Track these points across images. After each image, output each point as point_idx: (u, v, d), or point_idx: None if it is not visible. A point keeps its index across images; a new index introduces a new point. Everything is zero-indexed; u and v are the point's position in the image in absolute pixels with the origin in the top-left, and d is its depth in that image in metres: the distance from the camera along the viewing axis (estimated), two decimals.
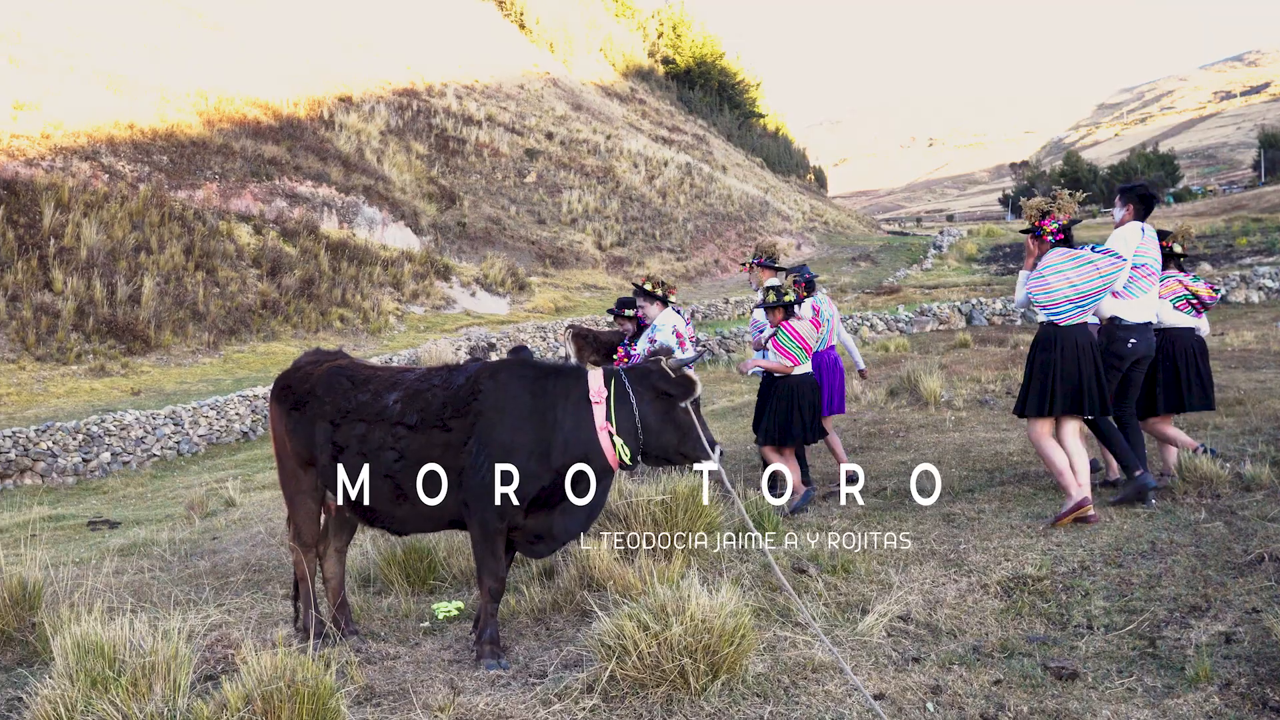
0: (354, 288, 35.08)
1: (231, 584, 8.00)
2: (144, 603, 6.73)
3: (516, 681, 5.10)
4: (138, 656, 4.59)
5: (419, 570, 7.16)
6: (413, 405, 5.61)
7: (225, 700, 4.30)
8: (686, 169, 64.35)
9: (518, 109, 65.15)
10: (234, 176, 39.36)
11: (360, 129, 50.36)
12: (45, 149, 34.83)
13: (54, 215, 30.46)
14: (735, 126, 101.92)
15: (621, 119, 76.77)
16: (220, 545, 9.81)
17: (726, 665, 4.74)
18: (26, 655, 6.14)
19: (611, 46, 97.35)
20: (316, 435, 5.85)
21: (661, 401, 5.49)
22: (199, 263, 32.19)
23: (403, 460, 5.56)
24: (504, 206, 51.25)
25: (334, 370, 6.01)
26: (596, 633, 4.89)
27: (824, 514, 8.19)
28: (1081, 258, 7.21)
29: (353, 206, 41.35)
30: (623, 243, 52.11)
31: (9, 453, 18.79)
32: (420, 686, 5.04)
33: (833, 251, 57.36)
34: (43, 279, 28.10)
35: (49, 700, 4.45)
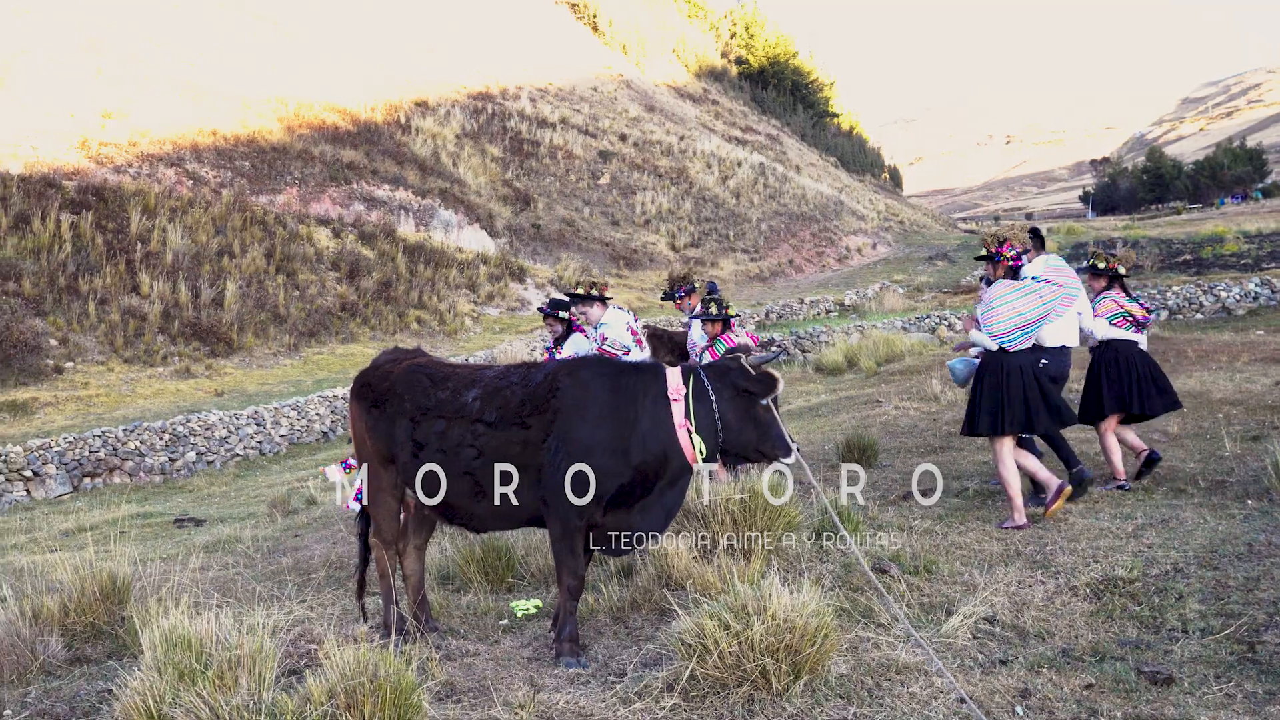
0: (430, 290, 35.44)
1: (313, 580, 8.09)
2: (229, 598, 6.82)
3: (596, 680, 5.08)
4: (224, 650, 4.65)
5: (497, 568, 7.17)
6: (491, 403, 5.61)
7: (309, 694, 4.33)
8: (760, 169, 64.05)
9: (591, 111, 65.35)
10: (313, 181, 40.00)
11: (436, 133, 50.88)
12: (132, 156, 35.69)
13: (141, 220, 31.20)
14: (809, 126, 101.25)
15: (695, 120, 76.67)
16: (302, 543, 9.94)
17: (809, 666, 4.68)
18: (116, 648, 6.25)
19: (684, 48, 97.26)
20: (396, 433, 5.85)
21: (741, 399, 5.44)
22: (280, 266, 32.75)
23: (481, 458, 5.55)
24: (578, 208, 51.43)
25: (413, 368, 6.01)
26: (677, 631, 4.85)
27: (905, 514, 8.06)
28: (1025, 287, 7.71)
29: (429, 209, 41.79)
30: (696, 244, 52.01)
31: (99, 452, 19.25)
32: (500, 683, 5.04)
33: (909, 251, 56.70)
34: (130, 283, 28.79)
35: (138, 692, 4.52)
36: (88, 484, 19.01)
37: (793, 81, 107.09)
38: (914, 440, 11.92)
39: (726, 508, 6.73)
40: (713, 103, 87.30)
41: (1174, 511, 7.46)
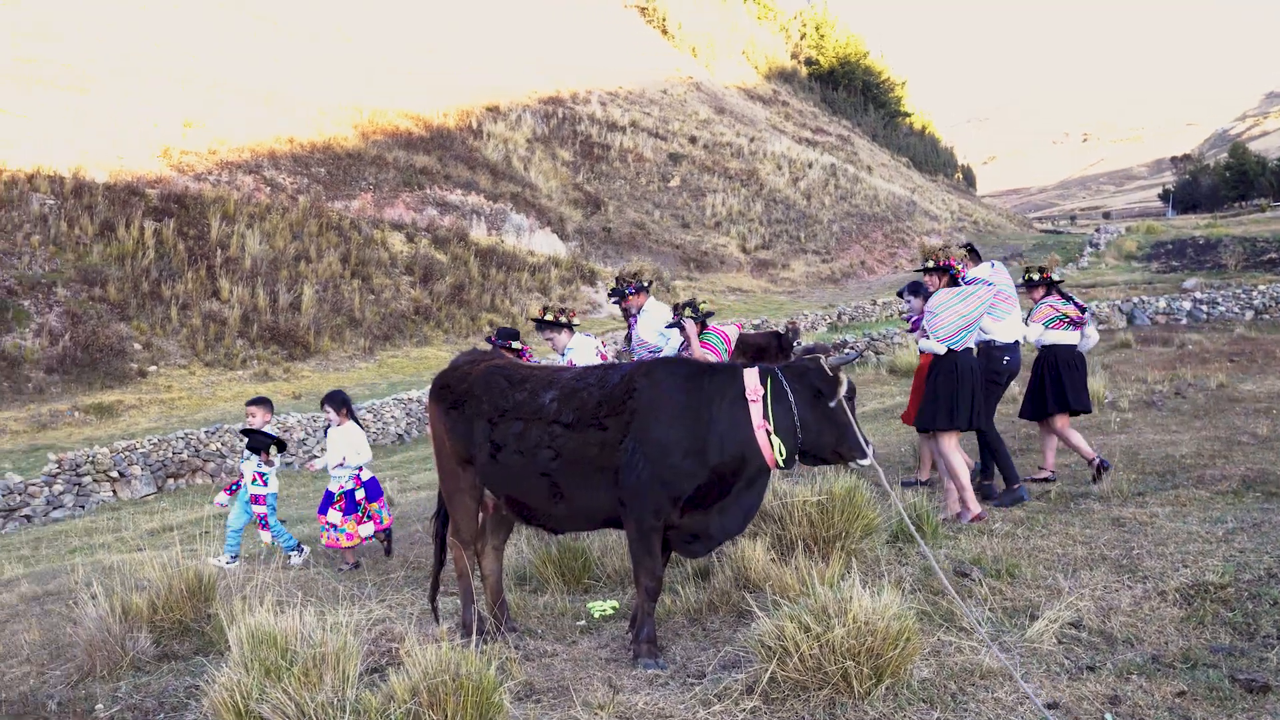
0: (502, 293, 35.72)
1: (392, 580, 8.17)
2: (310, 597, 6.90)
3: (675, 681, 5.06)
4: (308, 648, 4.70)
5: (574, 569, 7.18)
6: (569, 404, 5.60)
7: (392, 692, 4.37)
8: (831, 170, 63.64)
9: (661, 114, 65.41)
10: (387, 186, 40.52)
11: (507, 137, 51.28)
12: (212, 164, 36.43)
13: (220, 227, 31.84)
14: (880, 126, 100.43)
15: (764, 121, 76.40)
16: (374, 544, 10.03)
17: (890, 669, 4.61)
18: (202, 645, 6.36)
19: (754, 49, 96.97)
20: (475, 434, 5.87)
21: (819, 400, 5.39)
22: (355, 270, 33.23)
23: (559, 459, 5.54)
24: (648, 211, 51.50)
25: (492, 369, 6.03)
26: (756, 633, 4.81)
27: (989, 515, 7.95)
28: (963, 292, 8.34)
29: (500, 213, 42.11)
30: (767, 245, 51.82)
31: (182, 453, 19.66)
32: (579, 684, 5.04)
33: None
34: (210, 288, 29.39)
35: (226, 688, 4.59)
36: (171, 484, 19.42)
37: (863, 82, 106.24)
38: None
39: (804, 510, 6.68)
40: (783, 104, 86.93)
41: (1266, 515, 7.26)
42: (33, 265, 27.76)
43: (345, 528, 9.23)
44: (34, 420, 21.70)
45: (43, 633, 7.57)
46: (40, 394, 23.56)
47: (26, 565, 11.53)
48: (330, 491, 9.45)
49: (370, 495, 9.49)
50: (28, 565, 11.53)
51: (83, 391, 23.88)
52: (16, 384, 23.74)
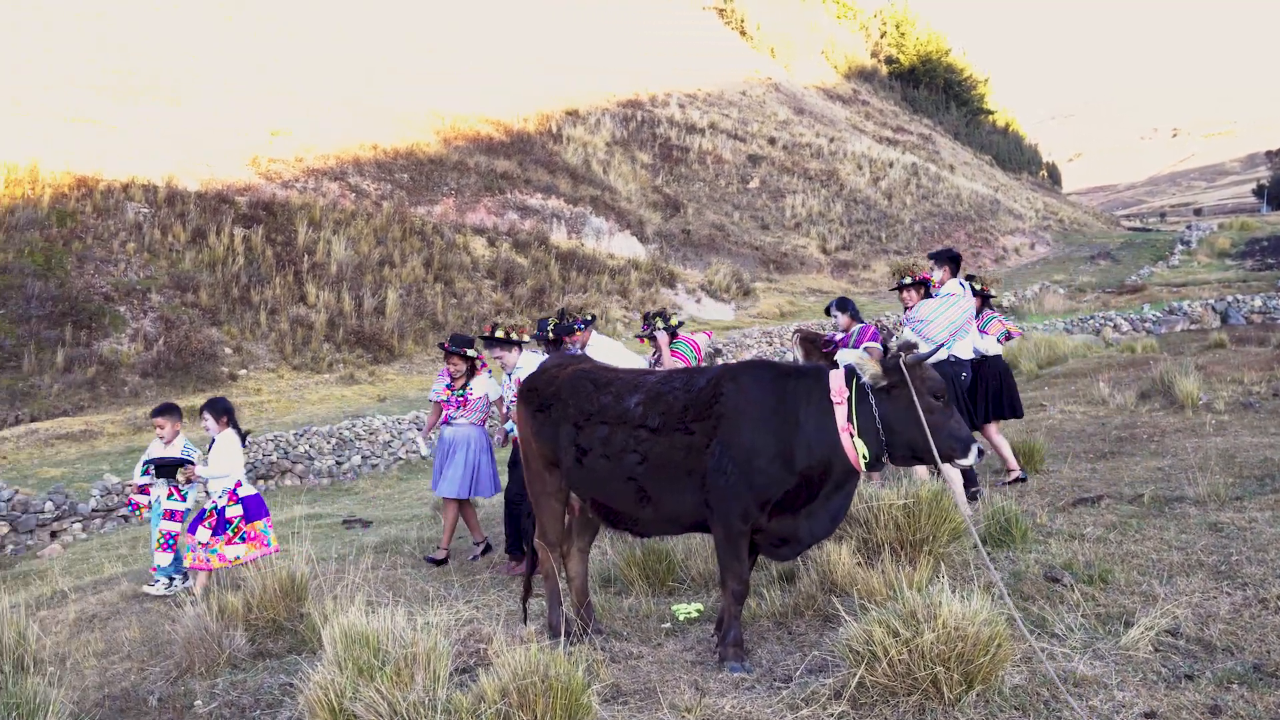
0: (583, 296, 35.89)
1: (478, 581, 8.26)
2: (399, 597, 7.00)
3: (761, 685, 5.05)
4: (400, 647, 4.79)
5: (658, 571, 7.19)
6: (654, 408, 5.59)
7: (483, 692, 4.43)
8: (912, 169, 62.93)
9: (740, 115, 65.24)
10: (469, 191, 40.95)
11: (587, 141, 51.53)
12: (298, 171, 37.14)
13: (307, 233, 32.45)
14: (962, 124, 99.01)
15: (844, 121, 75.81)
16: (466, 545, 10.16)
17: (981, 675, 4.56)
18: (296, 644, 6.50)
19: (833, 49, 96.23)
20: (560, 437, 5.88)
21: (903, 399, 5.29)
22: (438, 275, 33.65)
23: (645, 463, 5.54)
24: (727, 213, 51.40)
25: (579, 373, 6.05)
26: (844, 638, 4.78)
27: (1076, 521, 7.79)
28: (948, 300, 8.70)
29: (580, 217, 42.34)
30: (848, 246, 51.42)
31: (271, 455, 20.07)
32: (666, 686, 5.06)
33: (1069, 250, 54.94)
34: (298, 293, 29.97)
35: (320, 686, 4.69)
36: (261, 486, 19.82)
37: (945, 79, 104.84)
38: (1082, 445, 11.52)
39: (890, 513, 6.62)
40: (862, 103, 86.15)
41: None
42: (128, 272, 28.55)
43: (215, 548, 8.67)
44: (130, 423, 22.30)
45: (142, 630, 7.80)
46: (135, 397, 24.21)
47: (125, 564, 11.87)
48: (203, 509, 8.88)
49: (251, 514, 8.93)
50: (126, 564, 11.87)
51: (176, 394, 24.47)
52: (113, 387, 24.42)
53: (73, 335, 25.34)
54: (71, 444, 21.00)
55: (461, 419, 9.90)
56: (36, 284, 26.32)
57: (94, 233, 29.33)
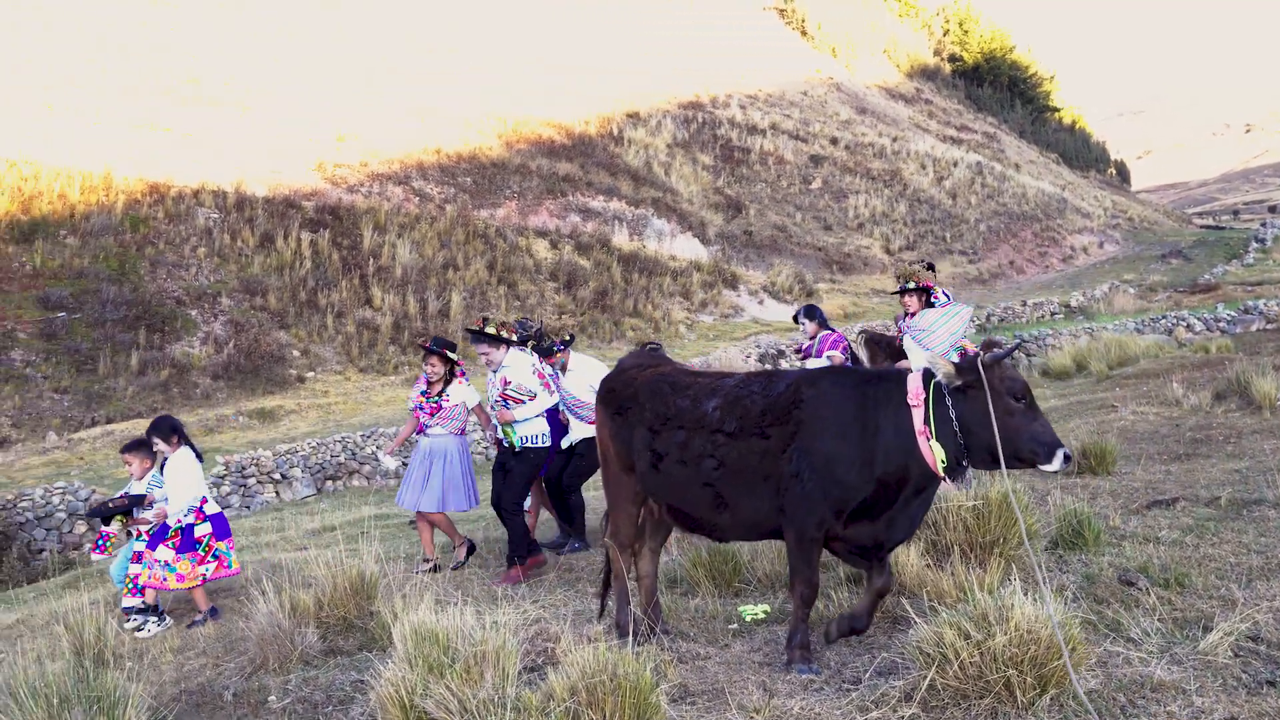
0: (645, 298, 35.95)
1: (545, 581, 8.30)
2: (467, 597, 7.06)
3: (830, 687, 5.03)
4: (469, 645, 4.83)
5: (724, 572, 7.17)
6: (731, 412, 5.52)
7: (552, 690, 4.46)
8: (977, 168, 62.23)
9: (801, 116, 64.94)
10: (531, 194, 41.21)
11: (648, 143, 51.60)
12: (364, 176, 37.62)
13: (372, 237, 32.86)
14: (1028, 122, 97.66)
15: (907, 120, 75.16)
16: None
17: (1055, 679, 4.49)
18: (366, 641, 6.58)
19: (895, 47, 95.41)
20: (636, 441, 5.84)
21: (980, 400, 5.11)
22: (501, 277, 33.91)
23: (722, 468, 5.47)
24: (789, 214, 51.20)
25: (658, 376, 5.99)
26: (914, 640, 4.74)
27: (1150, 524, 7.66)
28: (949, 311, 8.72)
29: (642, 219, 42.40)
30: (911, 246, 50.97)
31: (339, 456, 20.35)
32: (733, 687, 5.05)
33: (1139, 249, 54.00)
34: (363, 296, 30.36)
35: (391, 683, 4.76)
36: (329, 486, 20.11)
37: (1010, 77, 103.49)
38: (1155, 447, 11.30)
39: (959, 514, 6.55)
40: (925, 102, 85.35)
41: None
42: (199, 276, 29.10)
43: (178, 567, 8.32)
44: (202, 424, 22.72)
45: (217, 626, 7.96)
46: (207, 399, 24.67)
47: None
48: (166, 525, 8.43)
49: (217, 533, 8.62)
50: None
51: (245, 397, 24.91)
52: (185, 390, 24.91)
53: (146, 338, 25.88)
54: None
55: (438, 428, 9.37)
56: (111, 288, 26.92)
57: (166, 238, 29.95)
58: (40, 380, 23.82)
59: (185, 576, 8.31)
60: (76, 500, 16.87)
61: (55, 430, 22.17)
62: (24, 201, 29.01)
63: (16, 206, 28.70)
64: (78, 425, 22.63)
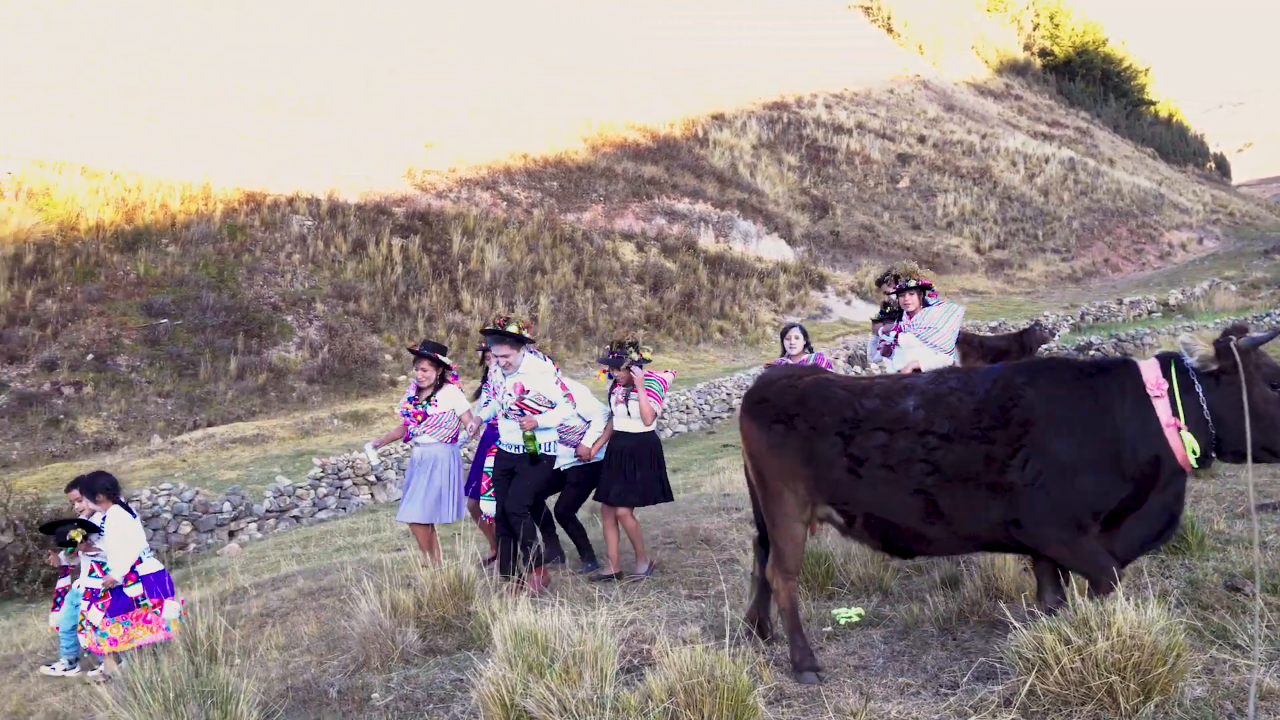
0: (731, 300, 35.92)
1: (638, 584, 8.36)
2: (561, 598, 7.15)
3: (926, 691, 5.00)
4: (567, 646, 4.91)
5: (817, 575, 7.15)
6: (938, 411, 5.12)
7: (650, 691, 4.51)
8: (1069, 164, 61.02)
9: (888, 114, 64.30)
10: (617, 197, 41.40)
11: (733, 144, 51.52)
12: (452, 182, 38.15)
13: (461, 242, 33.32)
14: (1122, 116, 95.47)
15: (996, 117, 73.99)
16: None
17: (1159, 686, 4.42)
18: (464, 641, 6.70)
19: (983, 43, 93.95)
20: (818, 449, 5.36)
21: (1234, 388, 4.77)
22: (588, 280, 34.13)
23: (937, 474, 5.06)
24: (876, 213, 50.74)
25: (820, 380, 5.60)
26: (1014, 645, 4.69)
27: (1260, 528, 7.47)
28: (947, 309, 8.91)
29: (728, 220, 42.36)
30: (1002, 245, 50.17)
31: None
32: (830, 690, 5.05)
33: (1241, 245, 52.48)
34: (453, 300, 30.79)
35: (492, 682, 4.85)
36: None
37: (1102, 70, 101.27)
38: None
39: None
40: (1015, 98, 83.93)
41: None
42: (294, 282, 29.78)
43: (108, 631, 8.01)
44: (298, 427, 23.24)
45: (319, 625, 8.15)
46: (303, 403, 25.23)
47: (299, 562, 12.40)
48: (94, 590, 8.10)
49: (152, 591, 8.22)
50: (300, 562, 12.40)
51: (339, 400, 25.42)
52: (282, 394, 25.51)
53: (244, 343, 26.56)
54: (245, 448, 22.01)
55: (425, 436, 8.95)
56: (211, 295, 27.68)
57: (262, 245, 30.70)
58: (145, 385, 24.58)
59: (117, 640, 7.96)
60: (181, 501, 17.38)
61: (159, 433, 22.87)
62: (128, 212, 29.95)
63: (121, 217, 29.65)
64: (180, 428, 23.32)
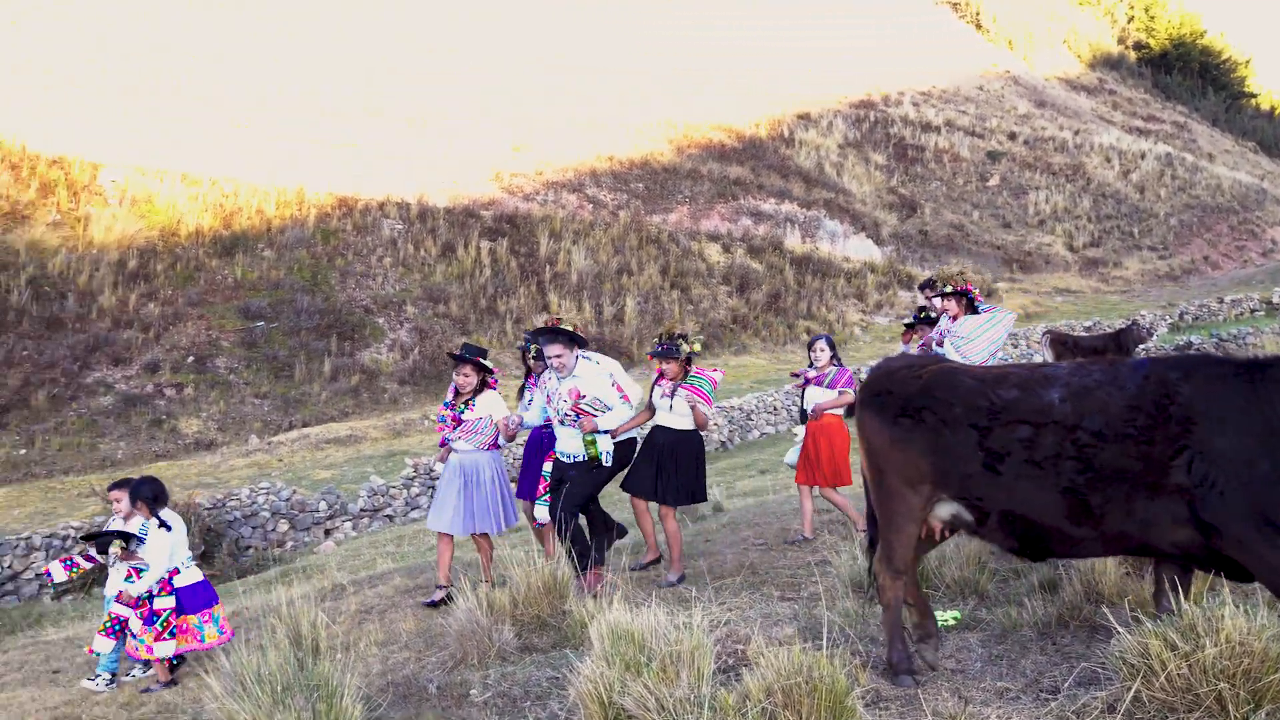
0: (818, 300, 35.73)
1: (729, 585, 8.35)
2: (653, 598, 7.19)
3: (1026, 696, 4.94)
4: (664, 645, 4.93)
5: None
6: (1086, 405, 4.82)
7: (747, 691, 4.52)
8: (1166, 160, 59.55)
9: (977, 111, 63.38)
10: (702, 198, 41.41)
11: (819, 144, 51.21)
12: (539, 184, 38.50)
13: (548, 244, 33.61)
14: (1221, 110, 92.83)
15: (1089, 112, 72.52)
16: (714, 548, 10.30)
17: (1270, 694, 4.31)
18: (559, 639, 6.77)
19: (1075, 37, 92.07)
20: (953, 443, 5.08)
21: None
22: (674, 281, 34.20)
23: (1089, 473, 4.78)
24: (966, 212, 50.05)
25: (947, 370, 5.31)
26: (1117, 650, 4.62)
27: None
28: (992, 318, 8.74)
29: (814, 220, 42.12)
30: (1096, 243, 49.14)
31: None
32: (927, 694, 5.01)
33: None
34: (540, 302, 31.07)
35: (590, 680, 4.89)
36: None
37: (1200, 63, 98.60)
38: None
39: None
40: (1109, 92, 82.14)
41: None
42: (385, 285, 30.31)
43: (144, 639, 7.93)
44: (390, 428, 23.65)
45: (417, 622, 8.29)
46: (395, 404, 25.68)
47: (395, 560, 12.63)
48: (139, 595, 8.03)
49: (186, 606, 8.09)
50: (395, 560, 12.62)
51: (430, 401, 25.79)
52: (374, 394, 25.98)
53: (337, 345, 27.11)
54: (339, 448, 22.47)
55: (462, 442, 8.66)
56: (305, 298, 28.30)
57: (354, 249, 31.30)
58: (242, 386, 25.23)
59: (153, 649, 7.95)
60: (279, 500, 17.81)
61: (256, 433, 23.44)
62: (225, 217, 30.77)
63: (219, 222, 30.46)
64: (276, 429, 23.88)
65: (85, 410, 23.74)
